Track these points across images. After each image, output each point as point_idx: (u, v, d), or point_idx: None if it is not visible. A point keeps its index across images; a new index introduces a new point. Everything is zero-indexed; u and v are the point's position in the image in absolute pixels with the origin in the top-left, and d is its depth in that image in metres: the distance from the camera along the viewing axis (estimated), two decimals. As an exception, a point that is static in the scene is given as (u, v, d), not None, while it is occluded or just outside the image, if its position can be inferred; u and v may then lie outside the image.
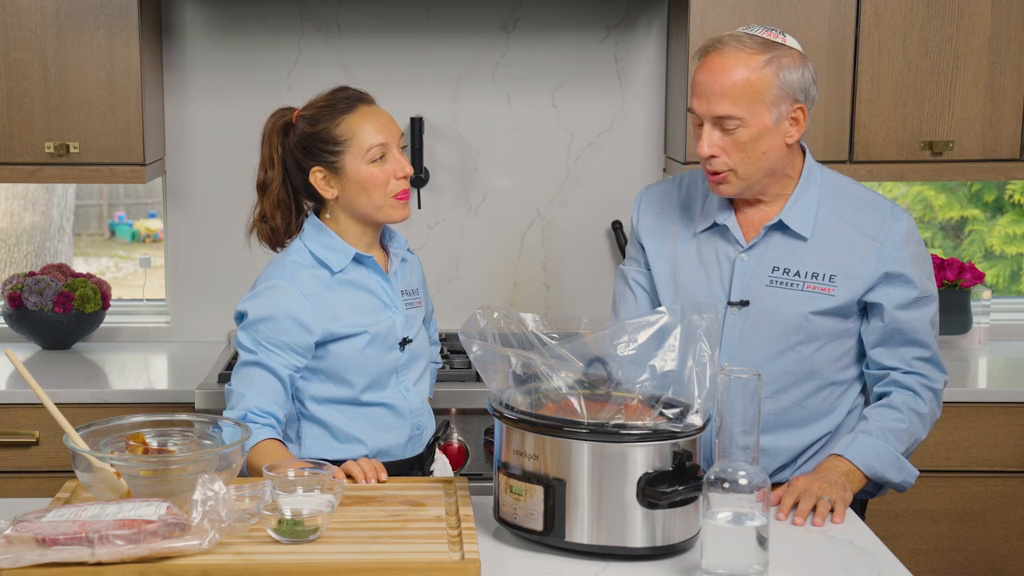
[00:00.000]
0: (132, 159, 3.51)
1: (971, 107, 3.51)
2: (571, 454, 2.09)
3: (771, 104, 2.36)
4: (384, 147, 2.54)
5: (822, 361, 2.49)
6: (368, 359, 2.56)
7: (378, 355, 2.57)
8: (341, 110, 2.56)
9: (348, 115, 2.56)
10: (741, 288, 2.48)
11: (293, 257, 2.58)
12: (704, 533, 2.02)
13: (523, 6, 3.81)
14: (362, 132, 2.54)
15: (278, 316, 2.50)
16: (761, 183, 2.45)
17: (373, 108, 2.59)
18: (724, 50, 2.37)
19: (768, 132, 2.38)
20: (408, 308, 2.65)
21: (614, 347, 2.16)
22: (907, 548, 3.45)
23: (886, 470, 2.43)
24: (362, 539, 2.10)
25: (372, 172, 2.54)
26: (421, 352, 2.68)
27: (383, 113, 2.60)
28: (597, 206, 3.89)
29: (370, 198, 2.55)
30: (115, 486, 2.16)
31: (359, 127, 2.54)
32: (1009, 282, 4.78)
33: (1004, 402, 3.42)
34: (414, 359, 2.65)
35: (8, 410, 3.35)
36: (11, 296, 3.74)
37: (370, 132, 2.54)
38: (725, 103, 2.36)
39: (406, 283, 2.68)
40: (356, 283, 2.58)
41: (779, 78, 2.36)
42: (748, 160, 2.39)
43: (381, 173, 2.54)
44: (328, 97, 2.60)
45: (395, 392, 2.61)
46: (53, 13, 3.45)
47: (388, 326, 2.59)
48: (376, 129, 2.55)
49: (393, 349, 2.59)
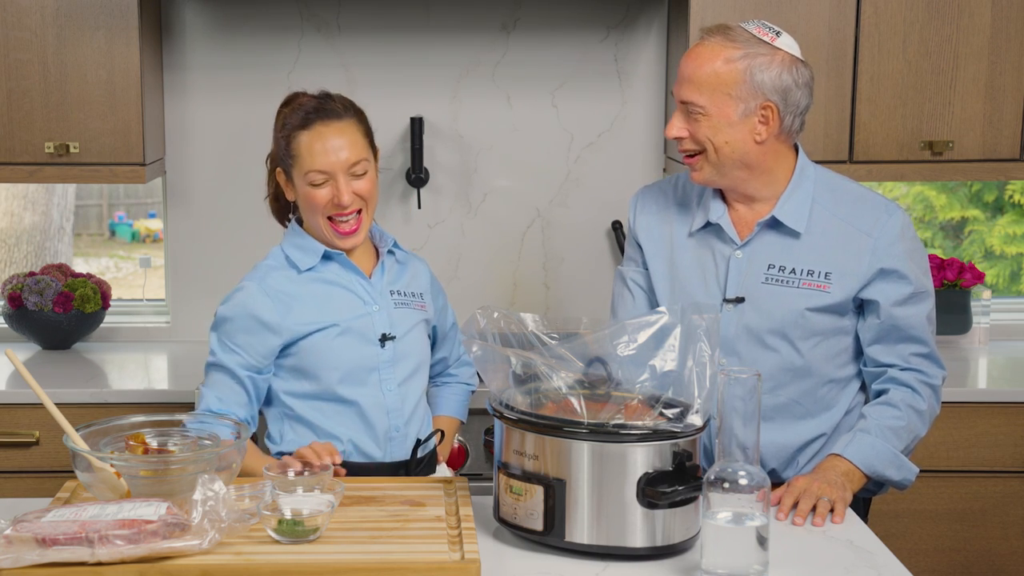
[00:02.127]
0: (132, 159, 3.51)
1: (971, 107, 3.51)
2: (571, 454, 2.09)
3: (736, 98, 2.40)
4: (324, 173, 2.50)
5: (819, 358, 2.49)
6: (340, 352, 2.53)
7: (352, 348, 2.54)
8: (298, 123, 2.52)
9: (301, 131, 2.52)
10: (736, 285, 2.49)
11: (267, 261, 2.59)
12: (704, 533, 2.02)
13: (523, 6, 3.80)
14: (307, 154, 2.51)
15: (240, 317, 2.52)
16: (734, 175, 2.47)
17: (327, 130, 2.52)
18: (708, 40, 2.45)
19: (731, 124, 2.41)
20: (398, 307, 2.61)
21: (614, 347, 2.16)
22: (907, 548, 3.45)
23: (886, 468, 2.43)
24: (362, 539, 2.10)
25: (309, 193, 2.51)
26: (412, 354, 2.62)
27: (341, 135, 2.52)
28: (597, 206, 3.89)
29: (310, 217, 2.55)
30: (115, 486, 2.16)
31: (306, 148, 2.51)
32: (1009, 282, 4.78)
33: (1004, 402, 3.42)
34: (401, 359, 2.59)
35: (8, 410, 3.35)
36: (11, 296, 3.74)
37: (313, 156, 2.50)
38: (691, 90, 2.43)
39: (400, 283, 2.64)
40: (330, 280, 2.57)
41: (749, 74, 2.40)
42: (714, 146, 2.43)
43: (318, 197, 2.51)
44: (305, 102, 2.56)
45: (374, 390, 2.56)
46: (53, 13, 3.45)
47: (365, 322, 2.56)
48: (321, 154, 2.50)
49: (371, 344, 2.55)
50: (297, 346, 2.54)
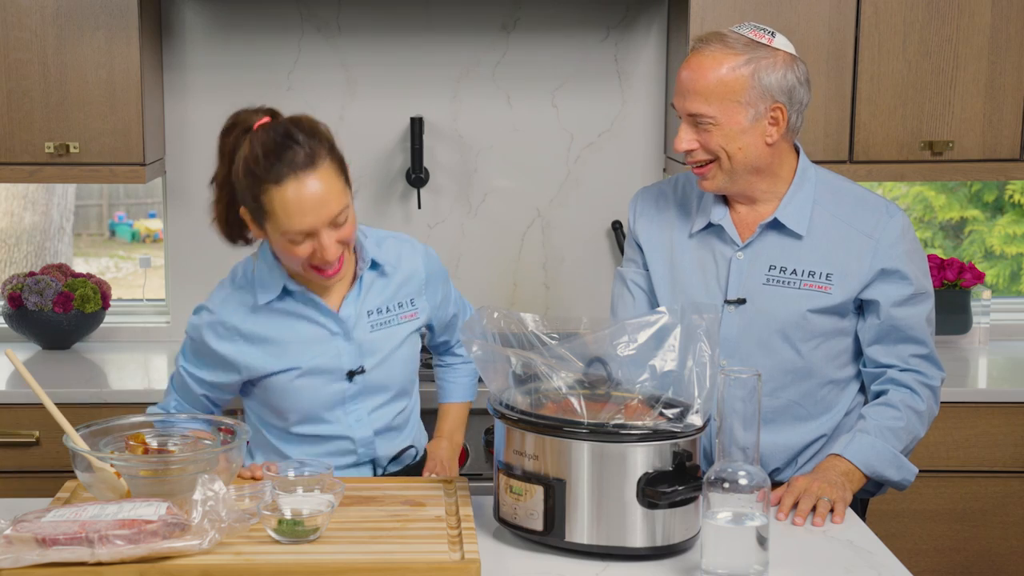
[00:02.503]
0: (132, 159, 3.51)
1: (971, 107, 3.51)
2: (571, 454, 2.09)
3: (746, 104, 2.39)
4: (307, 232, 2.27)
5: (819, 359, 2.49)
6: (302, 392, 2.42)
7: (315, 389, 2.43)
8: (269, 177, 2.25)
9: (273, 187, 2.24)
10: (738, 287, 2.49)
11: (239, 274, 2.47)
12: (704, 533, 2.02)
13: (523, 6, 3.80)
14: (283, 215, 2.25)
15: (201, 345, 2.46)
16: (745, 180, 2.46)
17: (304, 181, 2.24)
18: (705, 49, 2.41)
19: (743, 131, 2.40)
20: (376, 330, 2.45)
21: (614, 347, 2.16)
22: (907, 548, 3.45)
23: (885, 468, 2.43)
24: (362, 539, 2.10)
25: (288, 248, 2.30)
26: (390, 382, 2.48)
27: (318, 187, 2.24)
28: (597, 206, 3.89)
29: (288, 263, 2.37)
30: (115, 486, 2.16)
31: (281, 208, 2.25)
32: (1009, 282, 4.78)
33: (1004, 402, 3.42)
34: (375, 391, 2.47)
35: (8, 410, 3.35)
36: (11, 296, 3.74)
37: (291, 217, 2.25)
38: (698, 101, 2.40)
39: (382, 298, 2.47)
40: (291, 312, 2.42)
41: (756, 79, 2.38)
42: (726, 155, 2.42)
43: (299, 252, 2.29)
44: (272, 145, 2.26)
45: (340, 425, 2.46)
46: (53, 13, 3.45)
47: (331, 357, 2.42)
48: (299, 215, 2.24)
49: (338, 380, 2.44)
50: (258, 384, 2.46)
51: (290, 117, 2.35)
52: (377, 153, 3.84)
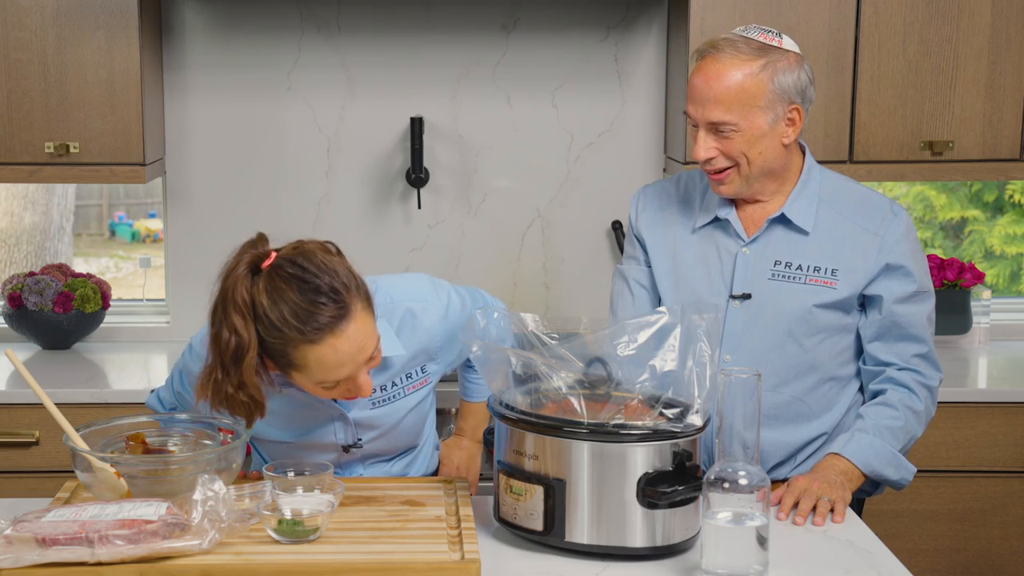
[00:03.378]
0: (132, 159, 3.51)
1: (971, 107, 3.51)
2: (571, 454, 2.09)
3: (765, 108, 2.39)
4: (344, 379, 2.15)
5: (823, 355, 2.49)
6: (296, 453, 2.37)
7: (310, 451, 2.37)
8: (302, 338, 2.08)
9: (308, 346, 2.08)
10: (743, 282, 2.49)
11: None
12: (704, 533, 2.02)
13: (523, 6, 3.80)
14: (318, 368, 2.11)
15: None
16: (760, 183, 2.47)
17: (343, 336, 2.08)
18: (719, 55, 2.39)
19: (764, 135, 2.40)
20: (375, 408, 2.35)
21: (614, 347, 2.16)
22: (907, 548, 3.45)
23: (884, 468, 2.44)
24: (362, 539, 2.10)
25: (320, 391, 2.18)
26: (389, 448, 2.42)
27: (355, 337, 2.09)
28: (597, 206, 3.89)
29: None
30: (115, 486, 2.16)
31: (316, 362, 2.10)
32: (1009, 282, 4.78)
33: (1004, 402, 3.42)
34: (373, 455, 2.43)
35: (8, 410, 3.35)
36: (11, 296, 3.74)
37: (328, 370, 2.11)
38: (719, 109, 2.38)
39: (382, 379, 2.33)
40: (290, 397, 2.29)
41: (773, 82, 2.38)
42: (747, 159, 2.42)
43: (331, 393, 2.19)
44: (295, 299, 2.07)
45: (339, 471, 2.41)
46: (53, 13, 3.45)
47: (326, 434, 2.37)
48: (337, 366, 2.10)
49: (333, 452, 2.39)
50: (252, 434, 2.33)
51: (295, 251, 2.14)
52: (377, 153, 3.84)
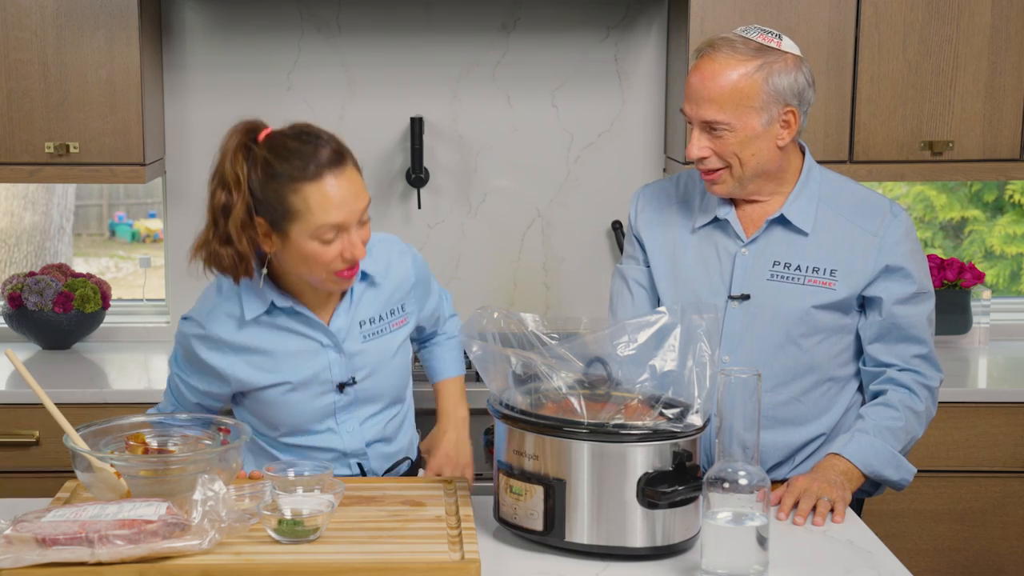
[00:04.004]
0: (132, 159, 3.51)
1: (971, 107, 3.51)
2: (571, 454, 2.09)
3: (760, 109, 2.38)
4: (340, 227, 2.23)
5: (822, 356, 2.49)
6: (292, 405, 2.41)
7: (305, 402, 2.41)
8: (304, 175, 2.20)
9: (308, 184, 2.20)
10: (742, 282, 2.49)
11: (225, 284, 2.38)
12: (704, 533, 2.02)
13: (523, 6, 3.80)
14: (318, 209, 2.21)
15: (191, 354, 2.42)
16: (755, 184, 2.47)
17: (342, 177, 2.22)
18: (715, 55, 2.39)
19: (757, 136, 2.40)
20: (368, 340, 2.42)
21: (614, 347, 2.16)
22: (907, 548, 3.45)
23: (884, 468, 2.43)
24: (362, 539, 2.10)
25: (317, 250, 2.24)
26: (383, 392, 2.47)
27: (350, 182, 2.24)
28: (597, 206, 3.89)
29: (309, 271, 2.29)
30: (115, 486, 2.16)
31: (317, 202, 2.20)
32: (1009, 282, 4.78)
33: (1004, 402, 3.42)
34: (366, 400, 2.45)
35: (8, 410, 3.35)
36: (11, 296, 3.74)
37: (326, 210, 2.21)
38: (713, 108, 2.38)
39: (374, 308, 2.44)
40: (280, 325, 2.38)
41: (768, 84, 2.38)
42: (739, 160, 2.42)
43: (327, 252, 2.24)
44: (296, 145, 2.23)
45: (330, 436, 2.45)
46: (53, 13, 3.45)
47: (321, 367, 2.40)
48: (336, 206, 2.21)
49: (328, 392, 2.42)
50: (248, 395, 2.43)
51: (293, 124, 2.31)
52: (377, 153, 3.84)
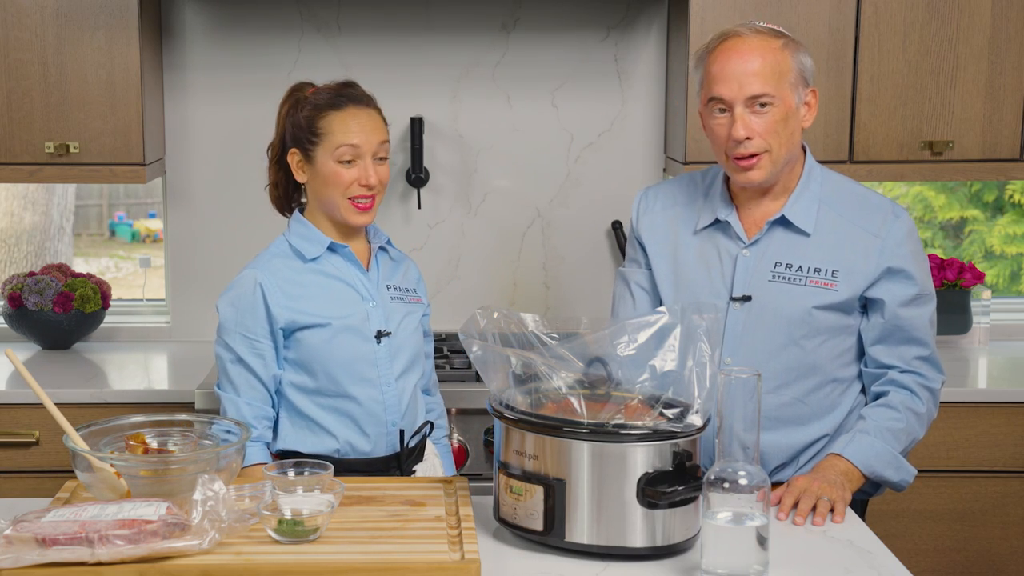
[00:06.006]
0: (132, 159, 3.51)
1: (971, 107, 3.51)
2: (571, 454, 2.09)
3: (793, 85, 2.42)
4: (355, 149, 2.57)
5: (824, 357, 2.49)
6: (336, 350, 2.57)
7: (349, 346, 2.58)
8: (331, 104, 2.59)
9: (331, 111, 2.59)
10: (743, 284, 2.49)
11: (271, 249, 2.64)
12: (704, 533, 2.02)
13: (523, 6, 3.80)
14: (338, 130, 2.57)
15: (244, 308, 2.56)
16: (783, 171, 2.47)
17: (362, 111, 2.60)
18: (744, 36, 2.43)
19: (793, 114, 2.43)
20: (394, 302, 2.66)
21: (614, 347, 2.16)
22: (907, 548, 3.45)
23: (884, 469, 2.43)
24: (362, 539, 2.10)
25: (336, 170, 2.57)
26: (407, 347, 2.65)
27: (370, 118, 2.61)
28: (597, 206, 3.89)
29: (330, 195, 2.59)
30: (115, 486, 2.16)
31: (339, 125, 2.57)
32: (1009, 282, 4.78)
33: (1004, 402, 3.42)
34: (397, 354, 2.63)
35: (8, 410, 3.35)
36: (11, 296, 3.74)
37: (346, 132, 2.57)
38: (759, 82, 2.39)
39: (395, 278, 2.69)
40: (330, 273, 2.61)
41: (796, 60, 2.42)
42: (780, 142, 2.42)
43: (345, 174, 2.57)
44: (332, 89, 2.64)
45: (372, 388, 2.59)
46: (53, 13, 3.45)
47: (361, 317, 2.59)
48: (354, 130, 2.57)
49: (368, 341, 2.59)
50: (293, 338, 2.57)
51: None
52: (377, 153, 3.84)
